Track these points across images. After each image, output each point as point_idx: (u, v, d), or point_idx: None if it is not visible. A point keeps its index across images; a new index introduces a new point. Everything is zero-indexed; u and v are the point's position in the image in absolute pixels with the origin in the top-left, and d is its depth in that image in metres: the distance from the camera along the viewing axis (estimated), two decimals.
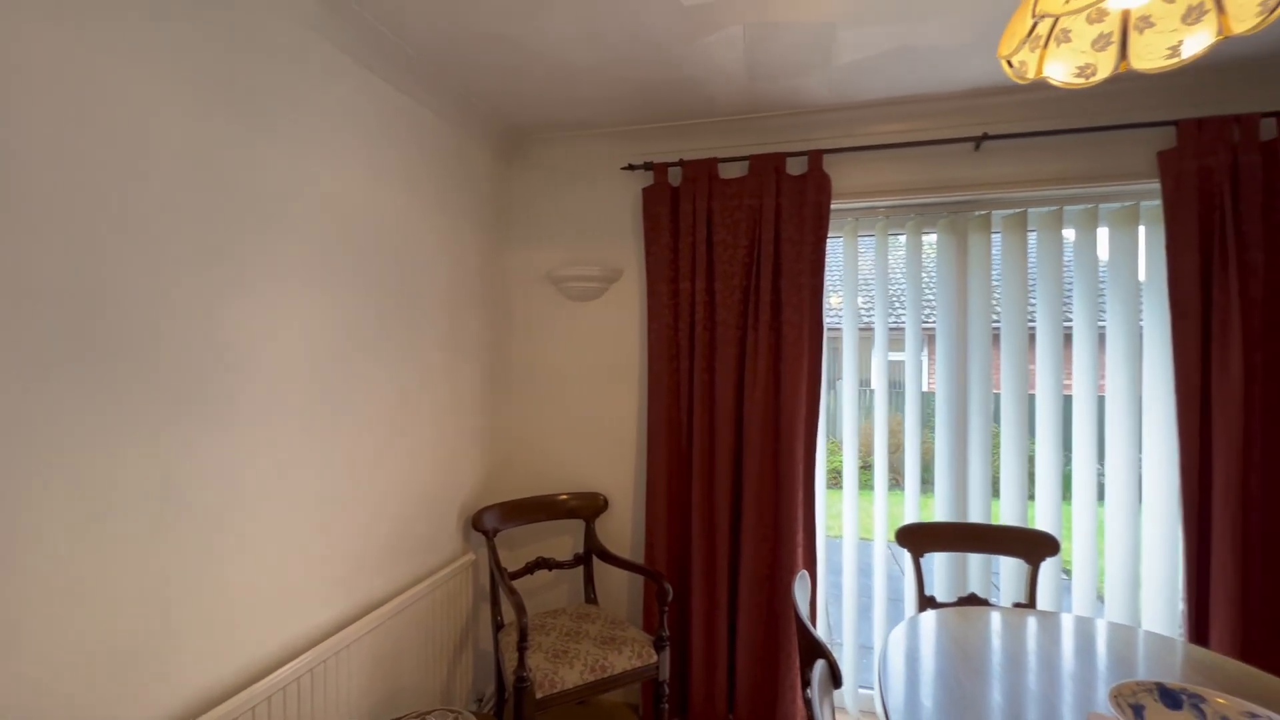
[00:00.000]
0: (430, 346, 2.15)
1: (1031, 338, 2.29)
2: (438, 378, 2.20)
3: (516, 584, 2.60)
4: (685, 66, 2.00)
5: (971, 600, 2.04)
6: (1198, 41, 1.06)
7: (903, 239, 2.42)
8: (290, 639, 1.54)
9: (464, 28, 1.76)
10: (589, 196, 2.64)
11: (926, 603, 2.02)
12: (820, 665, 1.14)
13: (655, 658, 2.09)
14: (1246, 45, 1.87)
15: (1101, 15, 1.14)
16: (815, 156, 2.28)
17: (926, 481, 2.44)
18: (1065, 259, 2.26)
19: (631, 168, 2.48)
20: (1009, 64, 1.15)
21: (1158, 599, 2.16)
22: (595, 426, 2.63)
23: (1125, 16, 1.13)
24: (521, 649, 1.86)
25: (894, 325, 2.46)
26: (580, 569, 2.54)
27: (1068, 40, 1.17)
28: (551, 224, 2.69)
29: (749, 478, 2.31)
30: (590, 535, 2.50)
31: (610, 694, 2.56)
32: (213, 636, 1.33)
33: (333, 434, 1.69)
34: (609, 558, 2.41)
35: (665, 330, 2.43)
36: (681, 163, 2.40)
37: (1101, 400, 2.25)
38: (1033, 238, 2.29)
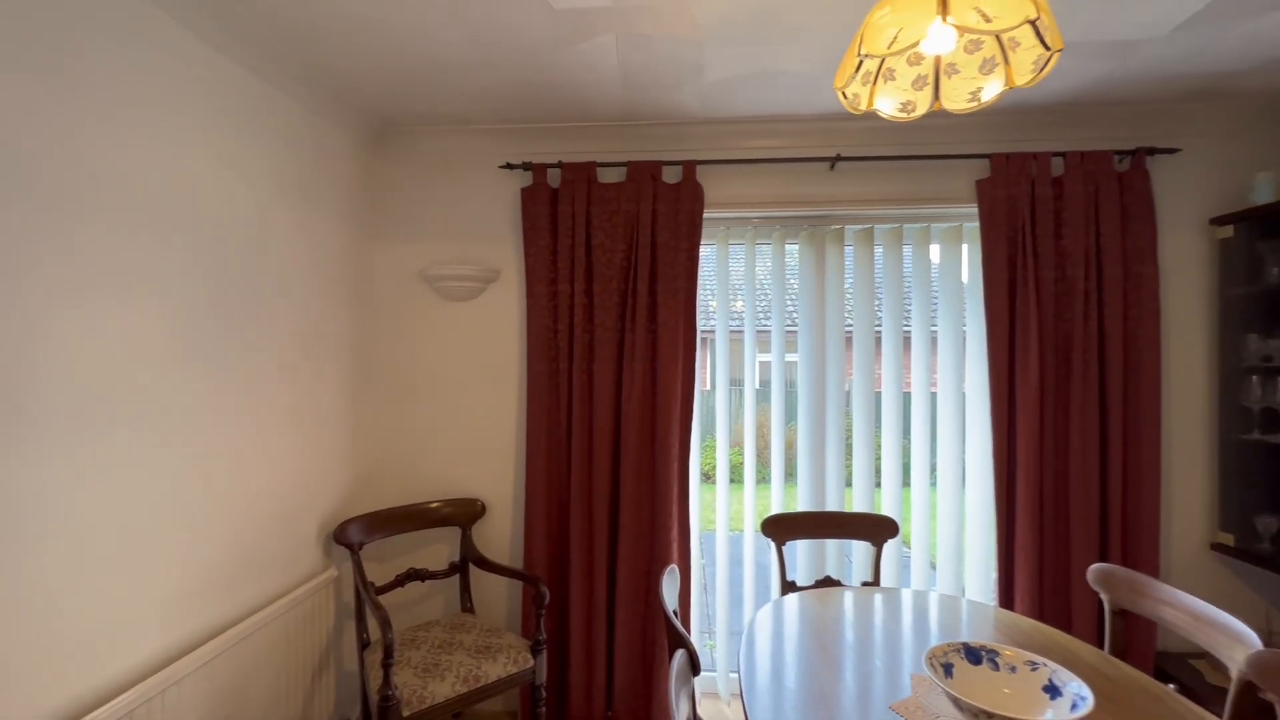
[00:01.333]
0: (287, 349, 1.99)
1: (878, 341, 2.54)
2: (296, 383, 2.04)
3: (387, 598, 2.46)
4: (562, 70, 2.01)
5: (827, 582, 2.22)
6: (992, 89, 1.24)
7: (769, 248, 2.59)
8: (113, 675, 1.36)
9: (320, 5, 1.65)
10: (465, 193, 2.56)
11: (788, 587, 2.17)
12: (679, 655, 1.19)
13: (532, 662, 2.07)
14: (1043, 94, 2.20)
15: (919, 59, 1.29)
16: (689, 167, 2.38)
17: (791, 474, 2.62)
18: (905, 271, 2.53)
19: (510, 167, 2.44)
20: (844, 95, 1.27)
21: (978, 570, 2.48)
22: (472, 430, 2.56)
23: (938, 62, 1.29)
24: (386, 666, 1.77)
25: (761, 328, 2.62)
26: (456, 578, 2.46)
27: (893, 79, 1.31)
28: (425, 220, 2.58)
29: (626, 476, 2.35)
30: (466, 543, 2.42)
31: (488, 703, 2.50)
32: (20, 675, 1.15)
33: (168, 447, 1.51)
34: (486, 564, 2.36)
35: (544, 331, 2.42)
36: (561, 165, 2.40)
37: (934, 396, 2.54)
38: (879, 251, 2.53)
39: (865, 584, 2.15)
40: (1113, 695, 1.30)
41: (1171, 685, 2.07)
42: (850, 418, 2.57)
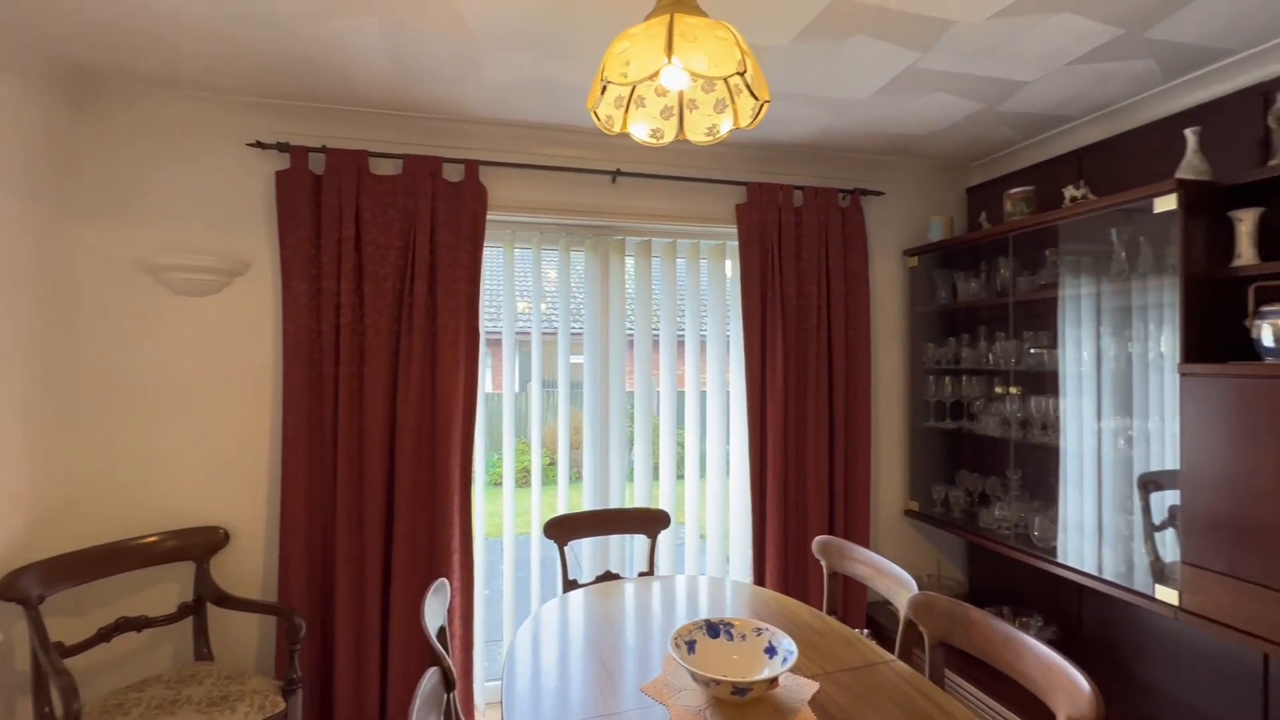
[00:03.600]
0: None
1: (656, 343, 2.73)
2: None
3: (86, 657, 2.02)
4: (319, 45, 1.82)
5: (607, 577, 2.32)
6: (725, 126, 1.40)
7: (556, 254, 2.64)
8: None
9: None
10: (203, 171, 2.19)
11: (570, 585, 2.22)
12: (428, 674, 1.15)
13: (283, 705, 1.84)
14: (786, 134, 2.55)
15: (665, 91, 1.41)
16: (471, 166, 2.32)
17: (578, 474, 2.70)
18: (679, 281, 2.76)
19: (261, 145, 2.15)
20: (597, 116, 1.34)
21: (740, 550, 2.79)
22: (212, 448, 2.20)
23: (681, 96, 1.42)
24: None
25: (548, 331, 2.66)
26: (189, 621, 2.09)
27: (644, 106, 1.42)
28: (149, 200, 2.15)
29: (402, 487, 2.21)
30: (202, 579, 2.07)
31: None
32: None
33: None
34: (227, 601, 2.04)
35: (305, 333, 2.18)
36: (326, 150, 2.18)
37: (704, 394, 2.80)
38: (656, 262, 2.73)
39: (642, 574, 2.29)
40: (818, 645, 1.55)
41: (865, 631, 2.53)
42: (633, 417, 2.72)
